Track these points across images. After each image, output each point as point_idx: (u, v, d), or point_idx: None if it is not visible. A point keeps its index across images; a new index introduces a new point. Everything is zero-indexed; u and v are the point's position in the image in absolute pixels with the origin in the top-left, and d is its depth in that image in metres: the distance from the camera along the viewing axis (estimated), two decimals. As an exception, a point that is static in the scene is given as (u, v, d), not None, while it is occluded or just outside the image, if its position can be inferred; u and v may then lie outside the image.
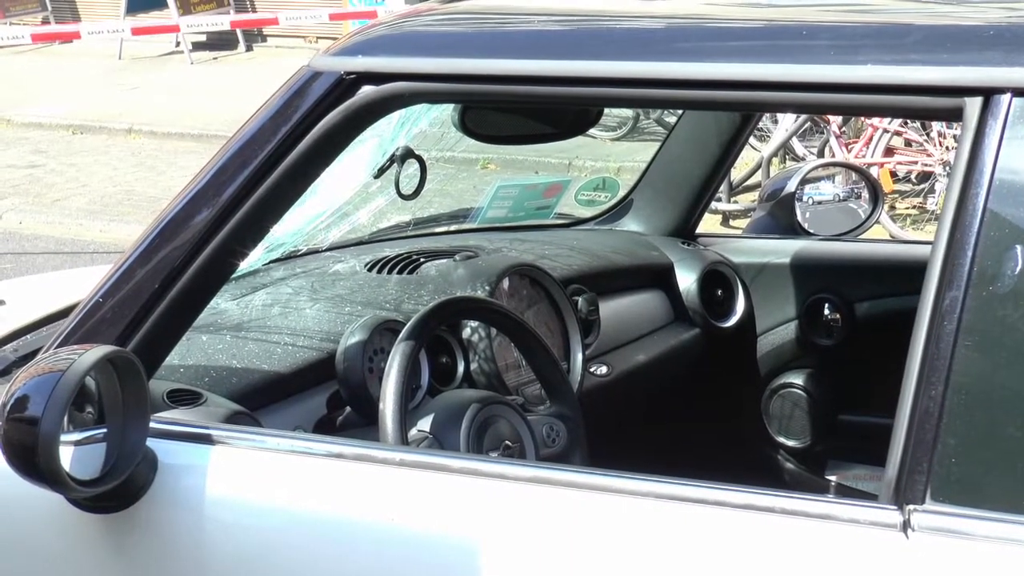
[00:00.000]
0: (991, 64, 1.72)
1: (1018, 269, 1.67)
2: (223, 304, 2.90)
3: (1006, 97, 1.70)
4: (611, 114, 10.53)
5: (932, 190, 8.56)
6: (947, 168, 8.29)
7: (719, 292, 3.65)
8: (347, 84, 2.10)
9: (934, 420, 1.68)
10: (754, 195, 8.93)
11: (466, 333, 2.88)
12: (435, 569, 1.95)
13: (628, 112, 10.59)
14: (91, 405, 2.07)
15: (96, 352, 1.95)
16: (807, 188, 3.71)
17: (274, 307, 2.94)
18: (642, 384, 3.44)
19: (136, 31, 14.07)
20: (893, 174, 8.77)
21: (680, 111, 3.84)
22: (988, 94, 1.71)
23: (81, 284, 2.71)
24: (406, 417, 2.38)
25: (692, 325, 3.61)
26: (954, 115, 1.75)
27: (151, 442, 2.07)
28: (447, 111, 2.79)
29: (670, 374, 3.55)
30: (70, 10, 17.97)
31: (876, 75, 1.78)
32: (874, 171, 8.00)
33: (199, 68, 15.66)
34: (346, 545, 2.00)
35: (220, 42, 16.49)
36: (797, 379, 3.64)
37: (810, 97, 1.86)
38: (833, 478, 3.64)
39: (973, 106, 1.72)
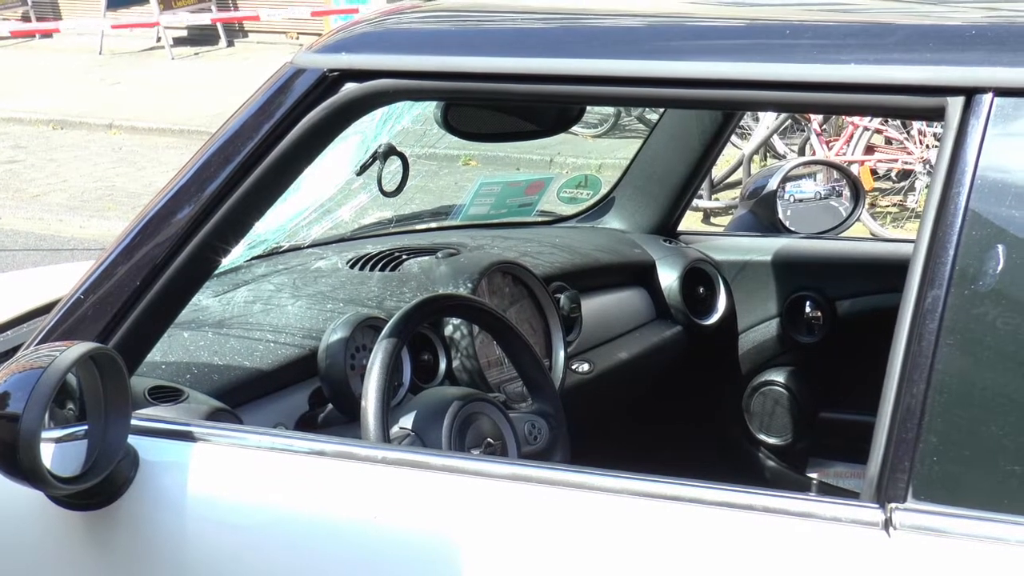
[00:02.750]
0: (973, 64, 1.73)
1: (1000, 268, 1.67)
2: (205, 301, 2.89)
3: (988, 96, 1.71)
4: (593, 111, 10.53)
5: (912, 188, 8.59)
6: (927, 166, 8.32)
7: (701, 290, 3.66)
8: (330, 81, 2.10)
9: (916, 418, 1.69)
10: (735, 192, 8.95)
11: (448, 330, 2.88)
12: (417, 566, 1.95)
13: (609, 109, 10.60)
14: (72, 402, 2.06)
15: (77, 349, 1.94)
16: (788, 186, 3.72)
17: (256, 304, 2.93)
18: (624, 382, 3.44)
19: (116, 26, 14.05)
20: (874, 172, 8.80)
21: (662, 109, 3.84)
22: (970, 93, 1.72)
23: (62, 280, 2.70)
24: (388, 414, 2.38)
25: (674, 323, 3.61)
26: (936, 114, 1.75)
27: (132, 439, 2.06)
28: (430, 108, 2.79)
29: (652, 372, 3.55)
30: (50, 5, 17.91)
31: (859, 74, 1.79)
32: (855, 169, 8.02)
33: (180, 63, 15.62)
34: (328, 543, 2.00)
35: (201, 38, 16.45)
36: (778, 377, 3.64)
37: (793, 96, 1.87)
38: (814, 476, 3.65)
39: (955, 105, 1.73)
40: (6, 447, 1.87)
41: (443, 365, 2.86)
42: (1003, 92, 1.70)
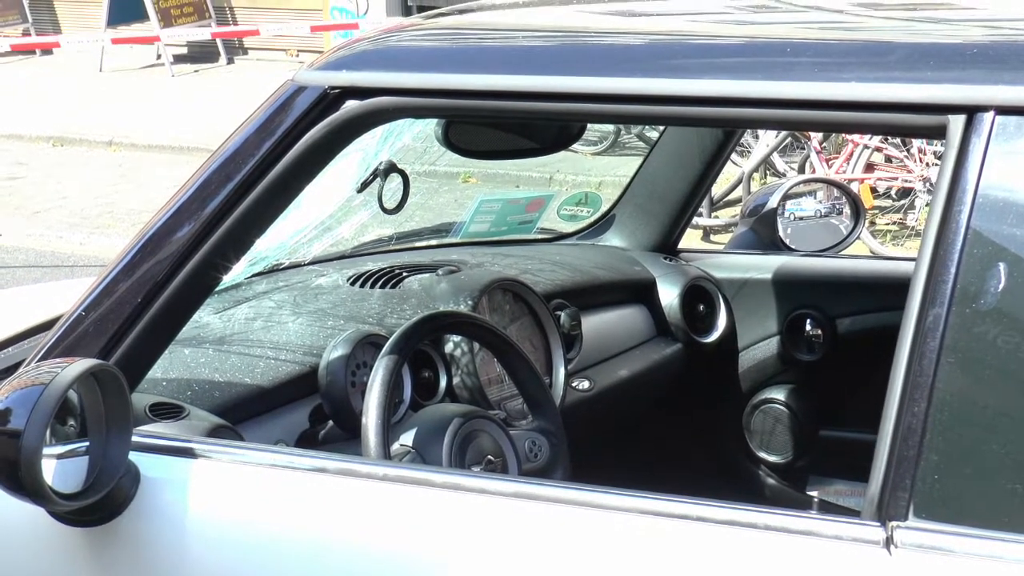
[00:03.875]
0: (974, 82, 1.73)
1: (1001, 286, 1.67)
2: (206, 318, 2.89)
3: (989, 115, 1.71)
4: (592, 128, 10.52)
5: (912, 206, 8.59)
6: (927, 184, 8.33)
7: (701, 307, 3.66)
8: (331, 98, 2.10)
9: (917, 437, 1.69)
10: (734, 210, 8.95)
11: (449, 347, 2.88)
12: (418, 584, 1.95)
13: (609, 126, 10.60)
14: (73, 418, 2.06)
15: (79, 365, 1.95)
16: (789, 204, 3.72)
17: (257, 321, 2.93)
18: (624, 399, 3.44)
19: (116, 41, 14.05)
20: (873, 190, 8.80)
21: (663, 126, 3.85)
22: (971, 112, 1.72)
23: (63, 297, 2.71)
24: (389, 431, 2.38)
25: (674, 340, 3.61)
26: (937, 133, 1.75)
27: (133, 456, 2.06)
28: (430, 125, 2.79)
29: (652, 389, 3.55)
30: (51, 22, 17.94)
31: (860, 93, 1.79)
32: (854, 187, 8.03)
33: (180, 81, 15.63)
34: (328, 560, 1.99)
35: (201, 55, 16.47)
36: (779, 394, 3.64)
37: (794, 114, 1.87)
38: (814, 494, 3.65)
39: (956, 124, 1.73)
40: (8, 463, 1.88)
41: (443, 382, 2.86)
42: (1005, 110, 1.71)
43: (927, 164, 8.40)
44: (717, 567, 1.78)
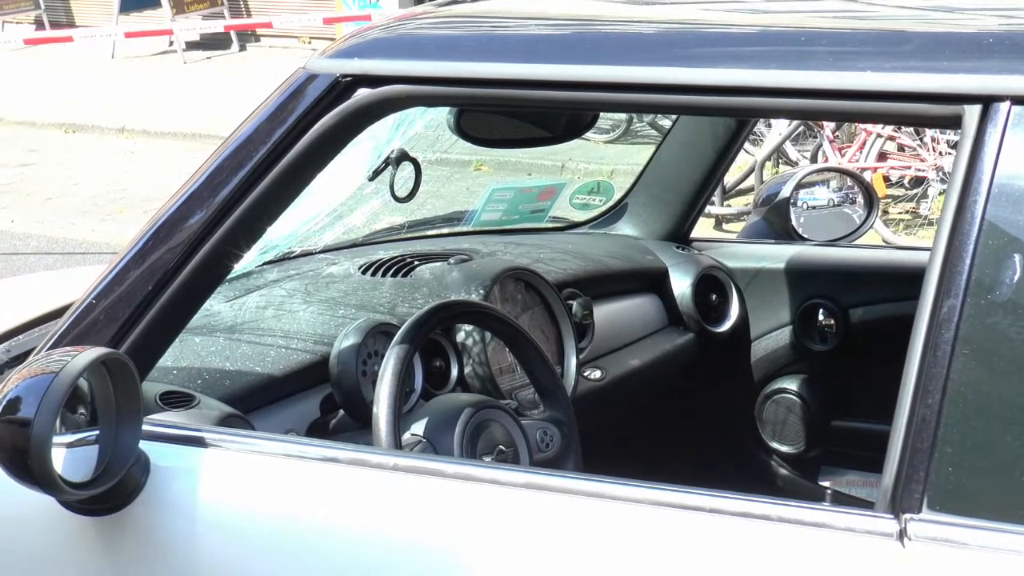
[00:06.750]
0: (990, 72, 1.73)
1: (1016, 277, 1.66)
2: (217, 306, 2.89)
3: (1005, 105, 1.70)
4: (604, 116, 10.50)
5: (925, 195, 8.57)
6: (940, 173, 8.31)
7: (713, 297, 3.65)
8: (343, 87, 2.09)
9: (931, 429, 1.68)
10: (747, 199, 8.94)
11: (460, 337, 2.88)
12: (428, 574, 1.94)
13: (622, 114, 10.58)
14: (84, 407, 2.06)
15: (89, 354, 1.94)
16: (802, 193, 3.71)
17: (267, 309, 2.93)
18: (636, 389, 3.43)
19: (129, 35, 14.06)
20: (886, 179, 8.78)
21: (676, 115, 3.84)
22: (987, 102, 1.71)
23: (74, 285, 2.70)
24: (400, 421, 2.37)
25: (686, 330, 3.60)
26: (953, 123, 1.75)
27: (144, 444, 2.06)
28: (442, 113, 2.78)
29: (664, 379, 3.54)
30: (63, 9, 17.94)
31: (875, 82, 1.78)
32: (867, 176, 8.01)
33: (192, 67, 15.64)
34: (338, 549, 1.99)
35: (213, 42, 16.47)
36: (791, 384, 3.63)
37: (808, 103, 1.87)
38: (826, 484, 3.64)
39: (972, 114, 1.72)
40: (18, 452, 1.87)
41: (455, 372, 2.86)
42: (1021, 100, 1.70)
43: (940, 153, 8.39)
44: (729, 559, 1.78)
